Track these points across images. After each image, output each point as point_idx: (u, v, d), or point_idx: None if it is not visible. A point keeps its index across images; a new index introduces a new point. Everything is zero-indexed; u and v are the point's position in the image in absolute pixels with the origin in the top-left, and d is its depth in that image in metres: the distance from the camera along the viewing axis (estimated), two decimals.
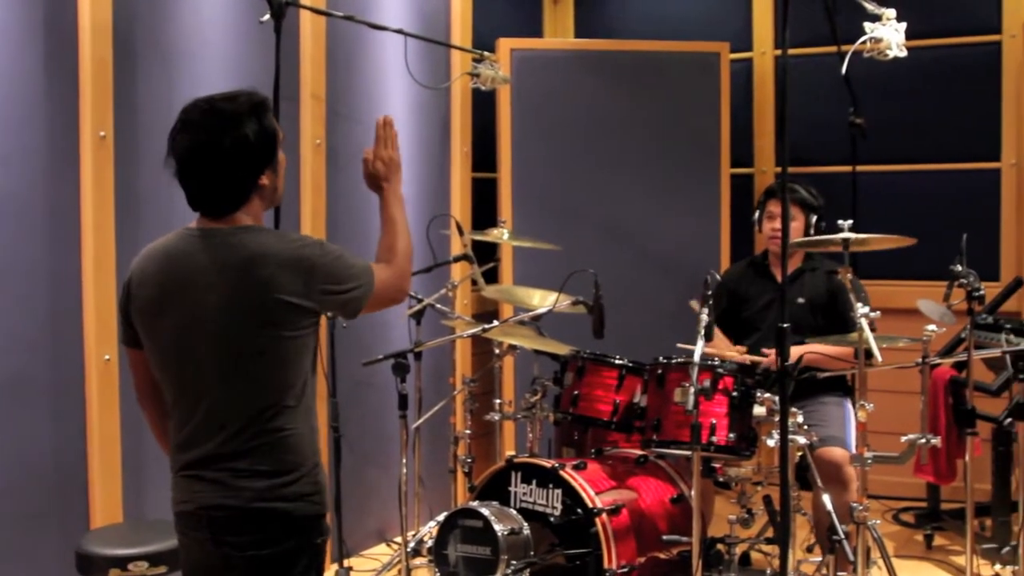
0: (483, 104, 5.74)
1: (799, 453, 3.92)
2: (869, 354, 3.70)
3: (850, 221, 3.86)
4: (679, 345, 4.31)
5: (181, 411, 2.50)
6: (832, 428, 4.30)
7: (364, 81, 4.94)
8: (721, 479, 4.08)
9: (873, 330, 3.72)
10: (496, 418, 4.63)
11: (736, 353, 4.46)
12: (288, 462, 2.46)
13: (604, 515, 3.83)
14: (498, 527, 3.77)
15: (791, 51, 3.16)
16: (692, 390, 3.52)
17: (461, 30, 5.52)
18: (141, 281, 2.51)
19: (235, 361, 2.43)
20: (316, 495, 2.51)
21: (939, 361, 4.71)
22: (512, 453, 4.17)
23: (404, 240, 2.69)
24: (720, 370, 3.86)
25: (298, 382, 2.49)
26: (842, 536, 3.76)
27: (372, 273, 2.57)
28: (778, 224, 4.36)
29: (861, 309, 3.70)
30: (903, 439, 3.85)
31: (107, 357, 3.70)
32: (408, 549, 4.38)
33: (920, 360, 3.98)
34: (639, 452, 4.24)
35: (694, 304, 4.29)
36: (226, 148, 2.43)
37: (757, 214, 4.76)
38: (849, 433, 4.29)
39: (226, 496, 2.43)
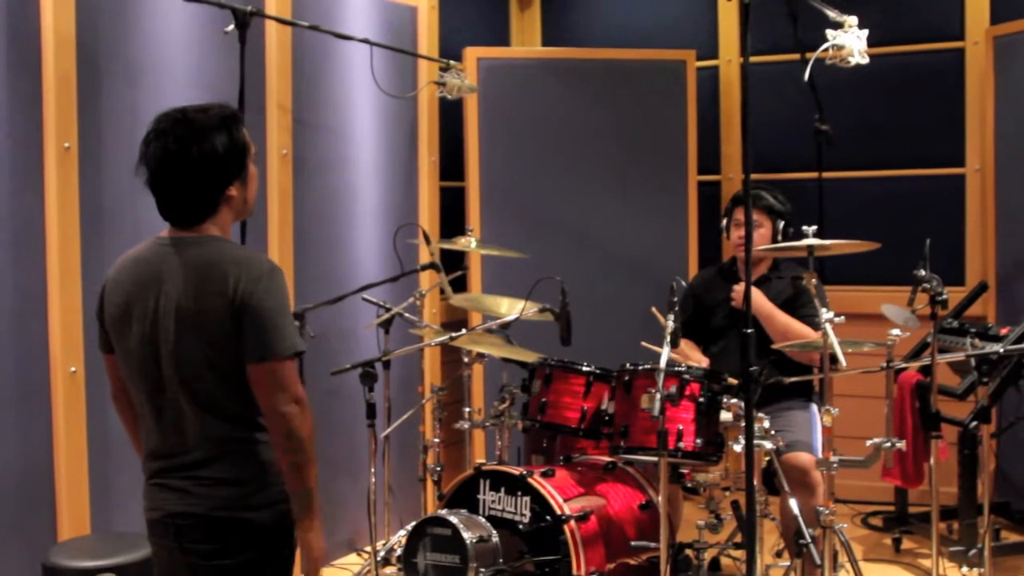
0: (450, 113, 5.75)
1: (766, 458, 3.94)
2: (834, 359, 3.72)
3: (815, 227, 3.89)
4: (643, 344, 4.33)
5: (147, 419, 2.52)
6: (798, 433, 4.31)
7: (330, 91, 4.93)
8: (689, 484, 4.09)
9: None
10: (465, 426, 4.63)
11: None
12: (251, 471, 2.47)
13: (572, 522, 3.84)
14: (467, 535, 3.78)
15: (756, 59, 3.19)
16: (659, 396, 3.54)
17: (427, 39, 5.51)
18: (113, 288, 2.55)
19: (193, 370, 2.43)
20: (280, 504, 2.51)
21: (903, 365, 4.76)
22: (481, 461, 4.18)
23: None
24: (687, 376, 3.87)
25: None
26: (809, 540, 3.79)
27: (290, 352, 2.43)
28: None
29: (826, 314, 3.73)
30: (868, 443, 3.87)
31: (73, 369, 3.68)
32: (378, 558, 4.38)
33: (884, 364, 4.01)
34: (607, 459, 4.25)
35: (655, 311, 4.33)
36: (194, 159, 2.45)
37: (725, 221, 4.75)
38: (815, 438, 4.31)
39: (190, 504, 2.45)
